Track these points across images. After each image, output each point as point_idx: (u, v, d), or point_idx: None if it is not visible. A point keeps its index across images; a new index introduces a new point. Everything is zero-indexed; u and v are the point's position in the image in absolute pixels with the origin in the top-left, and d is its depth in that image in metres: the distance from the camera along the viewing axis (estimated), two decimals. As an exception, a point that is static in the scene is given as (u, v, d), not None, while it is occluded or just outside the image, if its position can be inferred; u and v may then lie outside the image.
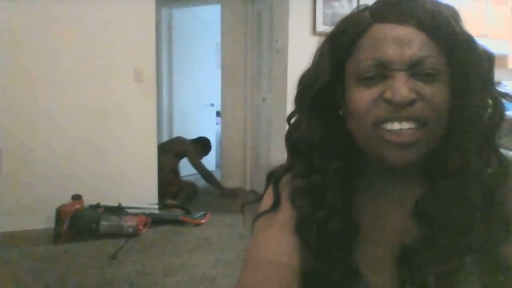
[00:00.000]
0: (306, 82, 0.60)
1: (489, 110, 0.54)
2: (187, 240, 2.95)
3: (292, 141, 0.63)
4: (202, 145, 4.27)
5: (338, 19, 0.58)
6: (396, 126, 0.52)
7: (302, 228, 0.58)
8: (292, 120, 0.65)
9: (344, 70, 0.56)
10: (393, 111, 0.51)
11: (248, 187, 4.44)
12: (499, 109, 0.54)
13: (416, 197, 0.56)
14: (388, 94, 0.51)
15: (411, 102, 0.51)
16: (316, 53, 0.60)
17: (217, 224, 3.25)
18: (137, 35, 3.34)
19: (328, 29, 0.59)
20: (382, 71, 0.52)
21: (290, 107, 0.61)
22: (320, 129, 0.58)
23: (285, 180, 0.63)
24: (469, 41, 0.54)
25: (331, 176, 0.57)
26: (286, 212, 0.60)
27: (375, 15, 0.54)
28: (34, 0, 3.04)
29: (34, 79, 3.09)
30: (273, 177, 0.64)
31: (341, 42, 0.56)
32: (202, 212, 3.39)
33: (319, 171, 0.58)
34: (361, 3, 4.07)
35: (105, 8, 3.22)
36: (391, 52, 0.51)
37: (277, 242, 0.59)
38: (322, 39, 0.60)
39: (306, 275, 0.57)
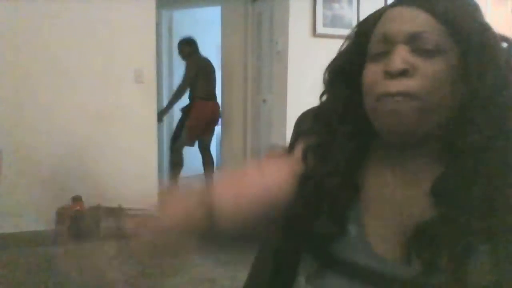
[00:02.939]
0: (334, 59, 0.66)
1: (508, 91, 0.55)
2: (187, 241, 2.95)
3: (317, 107, 0.68)
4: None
5: (338, 20, 0.62)
6: (390, 97, 0.54)
7: (303, 180, 0.61)
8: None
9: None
10: (390, 84, 0.54)
11: (248, 188, 4.43)
12: None
13: (430, 176, 0.56)
14: (385, 66, 0.55)
15: (403, 72, 0.53)
16: (346, 37, 0.66)
17: (217, 225, 3.25)
18: (138, 37, 3.34)
19: (328, 30, 0.62)
20: (387, 46, 0.56)
21: (290, 108, 0.63)
22: (341, 100, 0.63)
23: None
24: (482, 28, 0.56)
25: (340, 139, 0.61)
26: (294, 158, 0.65)
27: (393, 2, 0.60)
28: (34, 1, 3.05)
29: (34, 80, 3.10)
30: (299, 128, 0.70)
31: (364, 27, 0.62)
32: (202, 214, 3.38)
33: (332, 134, 0.62)
34: (361, 5, 4.07)
35: (105, 10, 3.23)
36: (393, 27, 0.56)
37: (277, 169, 0.62)
38: (323, 40, 0.63)
39: (289, 218, 0.60)
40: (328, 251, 0.60)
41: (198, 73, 4.15)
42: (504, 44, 0.57)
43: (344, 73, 0.63)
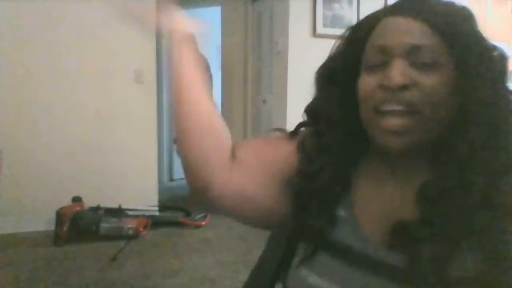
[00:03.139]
0: (326, 62, 0.66)
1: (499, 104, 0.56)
2: (187, 242, 2.95)
3: (310, 108, 0.68)
4: None
5: (338, 21, 0.62)
6: (387, 107, 0.55)
7: (295, 177, 0.65)
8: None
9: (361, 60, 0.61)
10: (388, 96, 0.55)
11: (248, 188, 4.43)
12: (507, 104, 0.57)
13: (420, 180, 0.58)
14: (383, 79, 0.55)
15: (403, 87, 0.53)
16: (339, 41, 0.65)
17: (217, 225, 3.25)
18: (138, 37, 3.33)
19: (328, 30, 0.62)
20: (384, 58, 0.56)
21: (290, 108, 0.65)
22: (332, 105, 0.64)
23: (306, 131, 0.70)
24: (477, 40, 0.56)
25: (330, 142, 0.63)
26: (291, 147, 0.67)
27: (388, 10, 0.59)
28: (35, 1, 3.05)
29: (34, 80, 3.10)
30: (300, 124, 0.71)
31: (358, 35, 0.61)
32: (202, 214, 3.39)
33: (323, 137, 0.64)
34: (361, 5, 4.06)
35: (105, 10, 3.22)
36: (392, 39, 0.55)
37: (283, 144, 0.68)
38: (323, 40, 0.63)
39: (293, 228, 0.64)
40: (321, 235, 0.62)
41: None
42: (495, 53, 0.58)
43: (336, 78, 0.63)
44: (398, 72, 0.54)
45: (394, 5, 0.59)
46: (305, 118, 0.70)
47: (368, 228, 0.61)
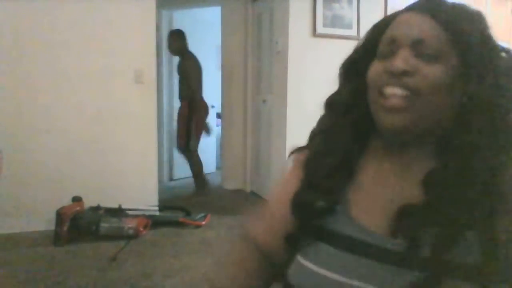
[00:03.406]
0: (348, 56, 0.71)
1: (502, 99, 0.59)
2: (187, 241, 2.95)
3: (329, 98, 0.73)
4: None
5: (338, 20, 0.65)
6: (389, 90, 0.59)
7: (308, 162, 0.69)
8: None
9: None
10: (390, 80, 0.59)
11: (248, 188, 4.44)
12: (509, 102, 0.60)
13: (424, 169, 0.61)
14: (388, 65, 0.60)
15: (403, 73, 0.58)
16: (364, 36, 0.71)
17: (217, 225, 3.25)
18: (138, 37, 3.34)
19: (328, 30, 0.65)
20: (393, 48, 0.61)
21: (290, 108, 0.66)
22: (349, 92, 0.69)
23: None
24: (483, 39, 0.61)
25: (343, 126, 0.68)
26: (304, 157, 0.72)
27: (406, 8, 0.64)
28: (35, 1, 3.05)
29: (34, 80, 3.10)
30: (312, 130, 0.76)
31: (378, 28, 0.67)
32: (202, 214, 3.39)
33: (337, 121, 0.69)
34: (361, 5, 4.07)
35: (106, 10, 3.23)
36: (401, 31, 0.61)
37: (286, 186, 0.72)
38: (323, 40, 0.66)
39: (295, 201, 0.67)
40: (320, 225, 0.65)
41: (199, 73, 4.15)
42: (503, 55, 0.62)
43: (355, 68, 0.68)
44: (402, 59, 0.59)
45: (413, 4, 0.64)
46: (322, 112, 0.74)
47: (367, 215, 0.63)
